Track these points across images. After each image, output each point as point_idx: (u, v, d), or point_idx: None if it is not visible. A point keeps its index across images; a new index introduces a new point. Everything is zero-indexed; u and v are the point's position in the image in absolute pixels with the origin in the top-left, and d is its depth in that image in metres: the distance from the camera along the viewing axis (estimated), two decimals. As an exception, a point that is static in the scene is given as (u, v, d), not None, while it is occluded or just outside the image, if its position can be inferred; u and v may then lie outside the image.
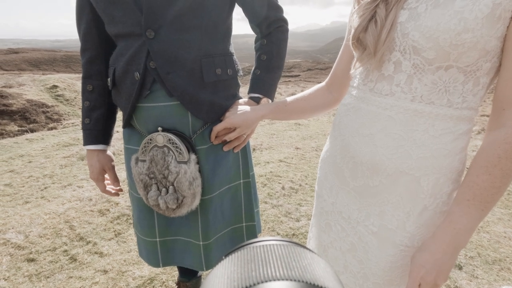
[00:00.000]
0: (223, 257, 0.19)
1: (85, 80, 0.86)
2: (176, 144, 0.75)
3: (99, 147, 0.89)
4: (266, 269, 0.16)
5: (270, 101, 0.89)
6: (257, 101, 0.87)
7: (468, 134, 0.58)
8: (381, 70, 0.59)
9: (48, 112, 11.13)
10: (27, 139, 4.30)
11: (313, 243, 0.87)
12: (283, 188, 2.50)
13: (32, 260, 1.60)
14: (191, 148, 0.78)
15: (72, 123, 5.24)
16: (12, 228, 1.86)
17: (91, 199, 2.22)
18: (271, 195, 2.38)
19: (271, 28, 0.85)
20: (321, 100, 0.82)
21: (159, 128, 0.77)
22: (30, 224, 1.91)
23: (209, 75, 0.76)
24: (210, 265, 0.89)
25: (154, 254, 0.91)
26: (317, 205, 0.82)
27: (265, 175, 2.72)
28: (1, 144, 4.05)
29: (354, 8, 0.61)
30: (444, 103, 0.54)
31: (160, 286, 1.45)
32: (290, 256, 0.18)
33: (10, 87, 12.20)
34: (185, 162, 0.76)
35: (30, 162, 3.15)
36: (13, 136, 9.33)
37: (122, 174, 2.59)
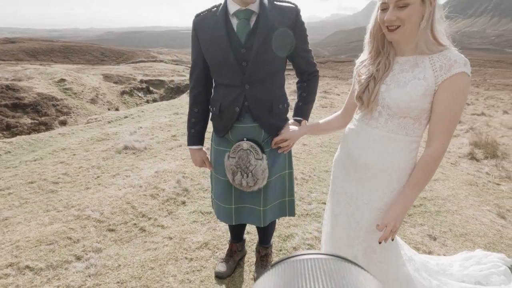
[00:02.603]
0: (270, 267, 0.20)
1: (192, 105, 1.38)
2: (255, 148, 1.26)
3: (199, 147, 1.41)
4: (313, 286, 0.15)
5: (307, 122, 1.40)
6: (299, 122, 1.39)
7: (417, 149, 1.11)
8: (372, 114, 1.12)
9: (58, 105, 11.47)
10: (59, 134, 4.76)
11: (328, 212, 1.39)
12: (296, 178, 3.01)
13: (113, 230, 2.11)
14: (262, 150, 1.28)
15: (95, 119, 5.68)
16: (88, 207, 2.36)
17: (141, 186, 2.72)
18: (287, 184, 2.89)
19: (310, 77, 1.37)
20: (338, 123, 1.35)
21: (244, 138, 1.28)
22: (100, 204, 2.41)
23: (275, 109, 1.28)
24: (265, 222, 1.42)
25: (230, 216, 1.42)
26: (331, 188, 1.34)
27: (280, 168, 3.23)
28: (38, 138, 4.51)
29: (356, 79, 1.14)
30: (404, 133, 1.08)
31: (213, 247, 1.97)
32: (339, 273, 0.17)
33: (20, 80, 12.46)
34: (260, 159, 1.27)
35: (74, 155, 3.63)
36: (28, 130, 9.69)
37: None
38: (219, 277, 1.70)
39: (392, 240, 1.14)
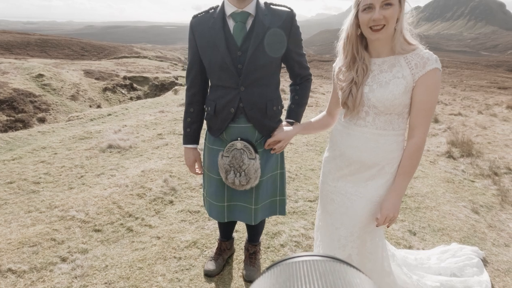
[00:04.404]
0: (265, 270, 0.20)
1: (188, 105, 1.40)
2: (249, 148, 1.29)
3: (194, 146, 1.43)
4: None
5: (299, 123, 1.44)
6: (291, 123, 1.43)
7: (403, 141, 1.19)
8: (359, 115, 1.18)
9: (36, 101, 11.03)
10: (39, 132, 4.59)
11: (319, 212, 1.44)
12: (282, 177, 3.06)
13: (99, 230, 2.08)
14: (256, 150, 1.31)
15: (77, 116, 5.50)
16: (72, 208, 2.31)
17: (127, 186, 2.69)
18: (274, 183, 2.93)
19: (302, 80, 1.41)
20: (326, 122, 1.41)
21: (238, 138, 1.30)
22: (85, 204, 2.36)
23: (270, 111, 1.32)
24: (256, 220, 1.45)
25: (222, 213, 1.45)
26: (322, 189, 1.39)
27: (267, 166, 3.27)
28: (16, 136, 4.34)
29: (337, 86, 1.22)
30: (390, 128, 1.15)
31: (202, 246, 1.98)
32: (334, 274, 0.16)
33: (-7, 75, 11.83)
34: (253, 159, 1.30)
35: (55, 154, 3.52)
36: (3, 127, 9.27)
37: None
38: (208, 275, 1.72)
39: (388, 227, 1.23)
